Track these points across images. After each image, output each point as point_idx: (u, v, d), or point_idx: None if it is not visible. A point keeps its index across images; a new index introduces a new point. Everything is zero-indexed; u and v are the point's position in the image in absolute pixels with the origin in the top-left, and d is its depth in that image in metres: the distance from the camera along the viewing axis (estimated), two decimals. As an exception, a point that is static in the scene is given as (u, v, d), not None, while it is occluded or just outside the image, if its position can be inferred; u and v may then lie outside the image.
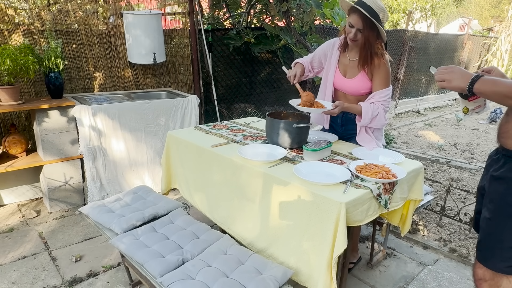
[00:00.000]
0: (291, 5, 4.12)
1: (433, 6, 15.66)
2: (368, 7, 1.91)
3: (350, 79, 2.19)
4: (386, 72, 2.10)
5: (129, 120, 3.21)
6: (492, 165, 1.54)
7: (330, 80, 2.26)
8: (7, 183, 3.16)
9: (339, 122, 2.33)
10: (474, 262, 1.58)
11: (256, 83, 5.08)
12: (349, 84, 2.19)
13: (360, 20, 1.95)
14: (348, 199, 1.53)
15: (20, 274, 2.29)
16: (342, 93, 2.26)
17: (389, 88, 2.14)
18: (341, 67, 2.23)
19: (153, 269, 1.62)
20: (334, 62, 2.24)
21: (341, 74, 2.22)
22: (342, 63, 2.22)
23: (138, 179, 3.40)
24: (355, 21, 1.97)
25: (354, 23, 1.97)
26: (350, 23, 1.99)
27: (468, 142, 5.67)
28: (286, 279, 1.60)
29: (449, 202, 3.25)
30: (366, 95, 2.18)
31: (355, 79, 2.16)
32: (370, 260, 2.45)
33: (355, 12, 1.96)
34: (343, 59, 2.22)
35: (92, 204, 2.21)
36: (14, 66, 2.68)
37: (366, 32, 1.98)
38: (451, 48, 9.11)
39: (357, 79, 2.16)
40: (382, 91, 2.10)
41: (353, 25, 1.98)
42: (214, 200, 2.20)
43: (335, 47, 2.25)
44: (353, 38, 2.02)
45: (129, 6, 3.69)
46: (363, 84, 2.15)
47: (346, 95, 2.24)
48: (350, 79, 2.19)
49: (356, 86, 2.17)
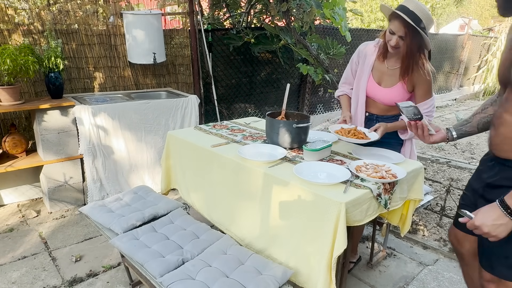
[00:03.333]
0: (291, 5, 4.12)
1: (433, 6, 15.65)
2: (412, 13, 1.80)
3: (386, 88, 2.09)
4: (428, 85, 2.02)
5: (129, 120, 3.21)
6: (486, 171, 1.51)
7: (363, 87, 2.15)
8: (7, 183, 3.16)
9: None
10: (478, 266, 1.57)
11: (256, 83, 5.08)
12: (384, 93, 2.09)
13: (402, 26, 1.83)
14: (348, 199, 1.53)
15: (20, 274, 2.29)
16: (373, 101, 2.16)
17: (433, 98, 2.06)
18: (375, 74, 2.12)
19: (153, 269, 1.62)
20: (368, 69, 2.12)
21: (375, 82, 2.12)
22: (378, 70, 2.12)
23: (138, 179, 3.40)
24: (396, 28, 1.86)
25: (396, 30, 1.86)
26: (391, 29, 1.88)
27: (468, 142, 5.67)
28: (286, 279, 1.60)
29: (449, 202, 3.25)
30: None
31: (393, 88, 2.07)
32: (370, 260, 2.45)
33: (397, 18, 1.84)
34: (379, 66, 2.11)
35: (92, 204, 2.21)
36: (14, 66, 2.68)
37: (409, 40, 1.86)
38: (451, 48, 9.10)
39: (395, 89, 2.06)
40: (426, 102, 2.04)
41: (394, 32, 1.87)
42: (213, 201, 2.20)
43: (368, 53, 2.15)
44: (395, 45, 1.91)
45: (129, 6, 3.69)
46: (399, 95, 2.06)
47: (377, 103, 2.16)
48: (386, 88, 2.09)
49: (392, 96, 2.07)
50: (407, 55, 1.93)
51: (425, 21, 1.84)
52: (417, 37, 1.86)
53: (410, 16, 1.81)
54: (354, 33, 5.82)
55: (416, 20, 1.81)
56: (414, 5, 1.83)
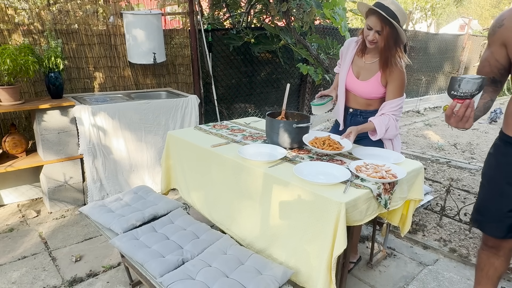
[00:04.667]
0: (291, 5, 4.12)
1: (433, 6, 15.65)
2: (387, 9, 1.91)
3: (363, 81, 2.18)
4: (401, 81, 2.09)
5: (129, 120, 3.21)
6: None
7: (342, 80, 2.27)
8: (7, 183, 3.16)
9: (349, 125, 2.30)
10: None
11: (256, 83, 5.08)
12: (361, 86, 2.19)
13: (379, 21, 1.94)
14: (348, 199, 1.53)
15: (20, 274, 2.29)
16: (353, 95, 2.26)
17: (402, 98, 2.12)
18: (355, 69, 2.22)
19: (153, 269, 1.62)
20: (348, 63, 2.24)
21: (354, 76, 2.22)
22: (356, 64, 2.22)
23: (138, 179, 3.40)
24: (373, 23, 1.96)
25: (373, 25, 1.96)
26: (369, 25, 1.98)
27: (468, 142, 5.67)
28: (286, 279, 1.60)
29: (449, 202, 3.25)
30: (377, 99, 2.18)
31: (369, 82, 2.15)
32: (370, 260, 2.45)
33: (373, 14, 1.95)
34: (358, 61, 2.21)
35: (92, 204, 2.21)
36: (14, 66, 2.68)
37: (385, 33, 1.96)
38: (451, 48, 9.10)
39: (370, 82, 2.15)
40: (393, 101, 2.09)
41: (372, 27, 1.97)
42: (213, 200, 2.20)
43: (350, 48, 2.25)
44: (372, 40, 2.01)
45: (129, 6, 3.69)
46: (374, 89, 2.14)
47: (357, 97, 2.24)
48: (363, 82, 2.17)
49: (368, 89, 2.17)
50: (385, 48, 2.02)
51: (399, 16, 1.95)
52: (393, 31, 1.97)
53: (386, 11, 1.91)
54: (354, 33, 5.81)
55: (391, 15, 1.92)
56: (389, 1, 1.93)
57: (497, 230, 1.65)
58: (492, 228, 1.67)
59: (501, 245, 1.68)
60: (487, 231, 1.71)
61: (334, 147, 1.97)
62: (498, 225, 1.63)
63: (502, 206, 1.60)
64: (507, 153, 1.58)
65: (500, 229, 1.63)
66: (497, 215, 1.62)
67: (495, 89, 1.59)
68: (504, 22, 1.43)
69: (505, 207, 1.59)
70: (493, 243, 1.70)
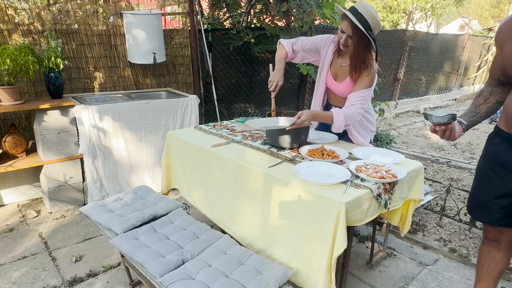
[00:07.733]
0: (291, 5, 4.12)
1: (433, 6, 15.65)
2: (360, 15, 1.92)
3: (340, 82, 2.25)
4: (369, 81, 2.11)
5: (129, 120, 3.21)
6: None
7: (322, 80, 2.34)
8: (7, 183, 3.16)
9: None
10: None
11: (256, 83, 5.08)
12: (339, 87, 2.27)
13: (350, 27, 1.96)
14: (348, 199, 1.53)
15: (20, 274, 2.29)
16: (333, 94, 2.34)
17: (368, 89, 2.12)
18: (332, 70, 2.29)
19: (153, 269, 1.62)
20: (327, 64, 2.29)
21: (331, 77, 2.29)
22: (334, 66, 2.28)
23: (138, 179, 3.41)
24: (345, 27, 1.99)
25: (345, 29, 2.00)
26: (342, 28, 2.02)
27: (468, 142, 5.67)
28: (286, 279, 1.60)
29: (449, 202, 3.25)
30: None
31: (344, 83, 2.23)
32: (370, 260, 2.46)
33: (346, 18, 1.97)
34: (335, 63, 2.28)
35: (92, 204, 2.21)
36: (14, 66, 2.68)
37: (356, 39, 1.98)
38: (451, 48, 9.11)
39: (345, 84, 2.22)
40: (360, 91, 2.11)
41: (344, 31, 2.01)
42: (213, 200, 2.20)
43: (330, 46, 2.28)
44: (344, 43, 2.06)
45: (129, 6, 3.69)
46: (349, 89, 2.20)
47: (336, 95, 2.32)
48: (340, 83, 2.26)
49: (343, 90, 2.24)
50: (355, 54, 2.03)
51: (372, 24, 1.94)
52: (363, 37, 1.96)
53: (357, 17, 1.91)
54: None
55: (363, 21, 1.91)
56: (363, 8, 1.93)
57: (485, 216, 1.74)
58: (481, 214, 1.77)
59: (501, 237, 1.73)
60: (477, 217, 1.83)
61: (333, 156, 1.98)
62: (486, 212, 1.72)
63: (488, 193, 1.70)
64: (495, 143, 1.67)
65: (489, 215, 1.71)
66: (485, 201, 1.72)
67: (504, 89, 1.65)
68: (500, 28, 1.55)
69: (491, 194, 1.68)
70: (493, 235, 1.76)
